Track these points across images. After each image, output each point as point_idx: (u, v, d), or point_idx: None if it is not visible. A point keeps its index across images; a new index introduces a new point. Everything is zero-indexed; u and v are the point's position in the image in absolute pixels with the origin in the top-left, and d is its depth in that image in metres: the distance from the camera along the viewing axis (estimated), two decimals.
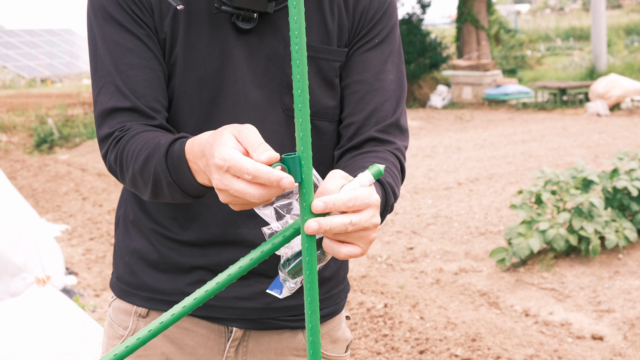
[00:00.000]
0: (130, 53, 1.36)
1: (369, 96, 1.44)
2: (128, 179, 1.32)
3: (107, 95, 1.36)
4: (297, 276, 1.11)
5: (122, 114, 1.35)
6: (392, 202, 1.33)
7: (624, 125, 11.76)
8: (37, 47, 26.89)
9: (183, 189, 1.23)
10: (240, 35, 1.39)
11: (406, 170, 1.48)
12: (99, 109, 1.37)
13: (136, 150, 1.28)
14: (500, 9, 29.11)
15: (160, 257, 1.47)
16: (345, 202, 1.05)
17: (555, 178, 5.37)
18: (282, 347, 1.51)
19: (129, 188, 1.37)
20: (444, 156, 9.79)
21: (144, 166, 1.27)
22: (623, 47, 22.25)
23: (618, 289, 4.75)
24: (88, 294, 4.98)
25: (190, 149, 1.19)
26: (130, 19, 1.36)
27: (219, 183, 1.08)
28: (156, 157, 1.24)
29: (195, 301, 1.03)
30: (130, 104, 1.35)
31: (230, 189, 1.06)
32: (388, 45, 1.46)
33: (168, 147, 1.24)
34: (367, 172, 1.09)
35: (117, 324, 1.53)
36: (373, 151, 1.41)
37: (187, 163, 1.20)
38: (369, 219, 1.07)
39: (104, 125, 1.36)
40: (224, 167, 1.06)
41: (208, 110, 1.40)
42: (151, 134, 1.31)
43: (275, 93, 1.41)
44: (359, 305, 4.61)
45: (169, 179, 1.23)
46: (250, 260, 1.05)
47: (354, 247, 1.09)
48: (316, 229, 1.03)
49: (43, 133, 12.66)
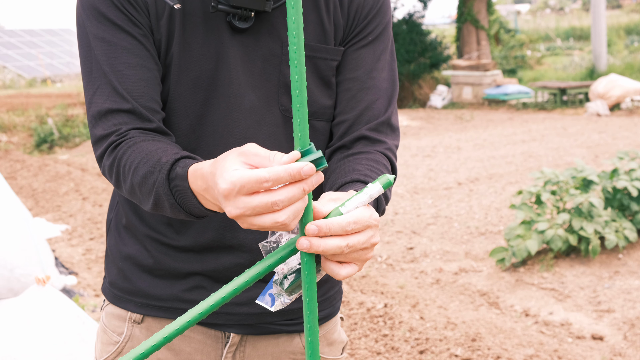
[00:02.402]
0: (126, 52, 1.32)
1: (361, 94, 1.42)
2: (126, 190, 1.29)
3: (103, 96, 1.32)
4: (295, 293, 1.07)
5: (117, 116, 1.31)
6: (383, 206, 1.32)
7: (624, 125, 11.76)
8: (37, 47, 26.88)
9: (188, 211, 1.19)
10: (235, 35, 1.36)
11: (405, 170, 1.48)
12: (94, 110, 1.33)
13: (134, 162, 1.24)
14: (500, 9, 29.11)
15: (155, 263, 1.45)
16: (343, 227, 1.02)
17: (555, 178, 5.37)
18: (279, 352, 1.50)
19: (126, 197, 1.33)
20: (444, 156, 9.79)
21: (143, 182, 1.23)
22: (623, 47, 22.25)
23: (618, 289, 4.75)
24: (88, 294, 4.98)
25: (193, 180, 1.14)
26: (125, 18, 1.33)
27: (233, 210, 1.00)
28: (157, 177, 1.20)
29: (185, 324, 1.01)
30: (128, 105, 1.31)
31: (249, 208, 0.98)
32: (381, 43, 1.45)
33: (169, 169, 1.19)
34: (377, 183, 1.06)
35: (111, 330, 1.50)
36: (364, 152, 1.39)
37: (192, 192, 1.15)
38: (367, 239, 1.05)
39: (98, 126, 1.32)
40: (235, 190, 0.99)
41: (202, 112, 1.37)
42: (150, 145, 1.27)
43: (272, 94, 1.39)
44: (359, 305, 4.60)
45: (172, 201, 1.19)
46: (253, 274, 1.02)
47: (352, 267, 1.06)
48: (307, 247, 1.01)
49: (43, 133, 12.66)
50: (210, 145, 1.38)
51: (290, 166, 0.97)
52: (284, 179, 0.97)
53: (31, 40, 27.52)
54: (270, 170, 0.97)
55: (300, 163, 0.97)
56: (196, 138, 1.39)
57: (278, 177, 0.97)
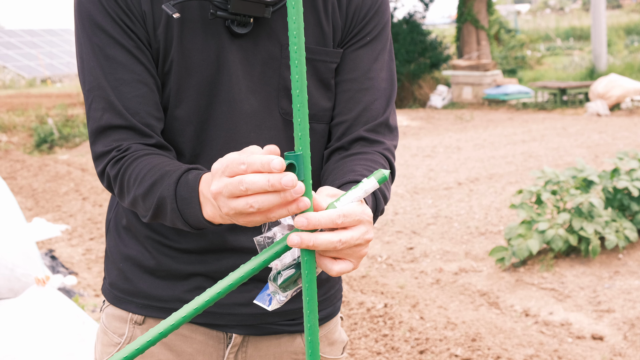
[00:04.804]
0: (121, 68, 1.31)
1: (359, 95, 1.42)
2: (128, 201, 1.30)
3: (99, 110, 1.32)
4: (289, 289, 1.06)
5: (117, 132, 1.31)
6: (382, 206, 1.31)
7: (624, 125, 11.76)
8: (37, 47, 26.88)
9: (185, 219, 1.20)
10: (234, 39, 1.36)
11: (405, 170, 1.47)
12: (93, 126, 1.32)
13: (140, 174, 1.25)
14: (500, 9, 29.09)
15: (157, 264, 1.44)
16: (333, 220, 1.01)
17: (556, 178, 5.37)
18: (281, 352, 1.50)
19: (125, 206, 1.33)
20: (444, 156, 9.79)
21: (148, 192, 1.24)
22: (623, 47, 22.25)
23: (618, 289, 4.75)
24: (88, 294, 4.98)
25: (206, 185, 1.16)
26: (120, 30, 1.32)
27: (228, 200, 1.03)
28: (165, 183, 1.22)
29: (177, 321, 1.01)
30: (125, 122, 1.31)
31: (242, 186, 1.00)
32: (379, 43, 1.44)
33: (180, 175, 1.21)
34: (372, 178, 1.04)
35: (112, 331, 1.50)
36: (362, 152, 1.39)
37: (199, 197, 1.17)
38: (361, 235, 1.04)
39: (98, 143, 1.32)
40: (220, 169, 1.04)
41: (205, 117, 1.37)
42: (156, 159, 1.28)
43: (272, 97, 1.39)
44: (359, 305, 4.60)
45: (174, 205, 1.20)
46: (247, 270, 1.02)
47: (346, 263, 1.06)
48: (297, 242, 1.00)
49: (43, 133, 12.66)
50: (213, 150, 1.38)
51: (264, 156, 1.00)
52: (256, 165, 1.00)
53: (31, 40, 27.52)
54: (249, 156, 1.01)
55: (269, 157, 0.99)
56: (200, 143, 1.39)
57: (252, 162, 1.00)
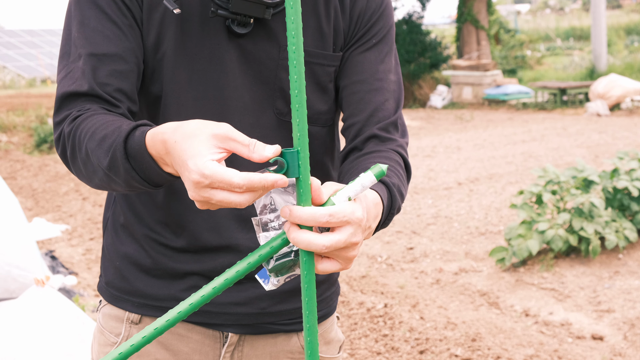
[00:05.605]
0: (107, 41, 1.30)
1: (369, 96, 1.42)
2: (80, 160, 1.23)
3: (72, 79, 1.29)
4: (280, 275, 1.06)
5: (82, 99, 1.28)
6: (398, 204, 1.28)
7: (624, 125, 11.76)
8: (37, 47, 26.87)
9: (144, 177, 1.14)
10: (233, 38, 1.36)
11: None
12: (60, 92, 1.30)
13: (92, 127, 1.20)
14: (500, 9, 29.08)
15: (153, 263, 1.44)
16: (316, 219, 0.98)
17: (556, 178, 5.37)
18: (277, 351, 1.50)
19: (76, 175, 1.29)
20: (444, 156, 9.79)
21: (99, 145, 1.17)
22: (623, 47, 22.25)
23: (618, 289, 4.75)
24: (88, 294, 4.98)
25: (152, 144, 1.10)
26: (115, 6, 1.32)
27: (196, 196, 1.00)
28: (115, 139, 1.15)
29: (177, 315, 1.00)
30: (92, 91, 1.28)
31: (212, 200, 0.99)
32: (385, 46, 1.45)
33: (129, 132, 1.14)
34: (369, 172, 1.01)
35: (109, 331, 1.50)
36: (376, 151, 1.38)
37: (150, 155, 1.11)
38: (347, 238, 1.00)
39: (62, 109, 1.29)
40: (204, 183, 0.99)
41: (194, 111, 1.36)
42: (112, 117, 1.23)
43: (267, 97, 1.39)
44: (359, 305, 4.60)
45: (127, 165, 1.14)
46: (243, 267, 1.01)
47: (332, 263, 1.04)
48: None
49: (43, 133, 12.65)
50: None
51: (266, 178, 0.97)
52: (257, 188, 0.97)
53: (31, 40, 27.52)
54: (245, 178, 0.97)
55: (275, 176, 0.97)
56: None
57: (252, 186, 0.97)
